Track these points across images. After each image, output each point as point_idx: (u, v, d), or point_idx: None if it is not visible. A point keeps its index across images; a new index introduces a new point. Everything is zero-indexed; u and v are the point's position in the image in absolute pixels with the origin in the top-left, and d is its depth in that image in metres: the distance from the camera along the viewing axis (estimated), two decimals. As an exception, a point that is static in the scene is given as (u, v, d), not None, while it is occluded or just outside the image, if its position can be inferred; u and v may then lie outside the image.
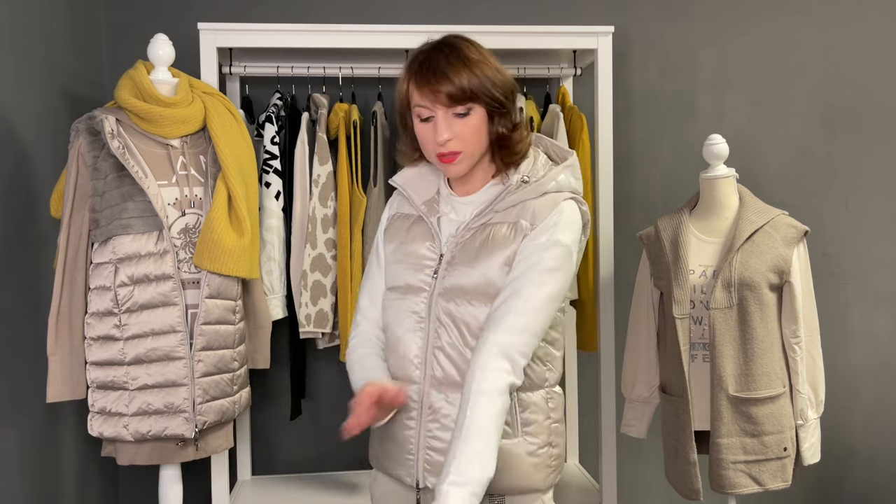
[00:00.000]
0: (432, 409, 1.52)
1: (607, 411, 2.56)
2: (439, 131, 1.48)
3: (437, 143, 1.49)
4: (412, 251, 1.59)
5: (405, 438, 1.55)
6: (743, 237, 2.15)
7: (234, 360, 2.20)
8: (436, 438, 1.51)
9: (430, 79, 1.47)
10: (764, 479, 2.15)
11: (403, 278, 1.58)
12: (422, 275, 1.56)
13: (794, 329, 2.16)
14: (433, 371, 1.52)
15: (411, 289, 1.57)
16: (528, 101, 2.66)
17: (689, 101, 3.00)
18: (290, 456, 2.92)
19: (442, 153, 1.50)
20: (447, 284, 1.53)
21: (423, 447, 1.53)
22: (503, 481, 1.51)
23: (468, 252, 1.53)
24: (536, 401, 1.56)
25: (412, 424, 1.54)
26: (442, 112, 1.49)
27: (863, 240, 3.05)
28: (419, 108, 1.51)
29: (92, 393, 2.09)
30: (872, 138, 3.05)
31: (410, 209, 1.64)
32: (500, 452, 1.46)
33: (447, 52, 1.50)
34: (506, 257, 1.50)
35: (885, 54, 3.04)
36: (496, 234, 1.52)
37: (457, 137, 1.49)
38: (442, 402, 1.52)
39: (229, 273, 2.11)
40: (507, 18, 2.91)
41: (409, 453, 1.55)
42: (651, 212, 2.99)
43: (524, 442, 1.54)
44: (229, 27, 2.38)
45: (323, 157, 2.48)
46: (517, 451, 1.53)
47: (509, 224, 1.52)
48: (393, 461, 1.58)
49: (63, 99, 2.44)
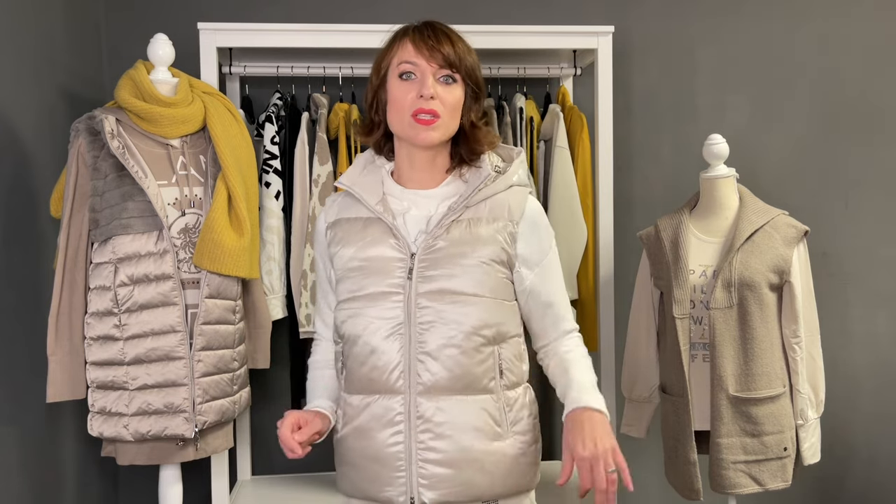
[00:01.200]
0: (423, 418, 1.45)
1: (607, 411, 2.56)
2: (427, 85, 1.47)
3: (422, 95, 1.47)
4: (375, 255, 1.50)
5: (392, 455, 1.47)
6: (743, 237, 2.15)
7: (234, 359, 2.20)
8: (430, 450, 1.45)
9: (429, 37, 1.50)
10: (764, 479, 2.15)
11: (371, 286, 1.49)
12: (391, 278, 1.48)
13: (794, 329, 2.16)
14: (419, 378, 1.46)
15: (381, 295, 1.48)
16: (528, 101, 2.65)
17: (689, 101, 3.00)
18: (290, 456, 2.91)
19: (422, 110, 1.47)
20: (432, 286, 1.46)
21: (415, 461, 1.46)
22: (499, 485, 1.49)
23: (450, 250, 1.48)
24: (519, 397, 1.54)
25: (400, 439, 1.46)
26: (432, 69, 1.49)
27: (863, 240, 3.06)
28: (406, 65, 1.50)
29: (92, 393, 2.09)
30: (872, 138, 3.05)
31: (357, 212, 1.56)
32: (495, 456, 1.47)
33: (443, 26, 1.56)
34: (493, 253, 1.49)
35: (885, 54, 3.04)
36: (478, 230, 1.49)
37: (439, 100, 1.49)
38: (433, 409, 1.45)
39: (229, 273, 2.11)
40: (507, 18, 2.91)
41: (398, 471, 1.47)
42: (651, 212, 3.00)
43: (515, 442, 1.51)
44: (229, 27, 2.38)
45: (323, 157, 2.48)
46: (511, 452, 1.50)
47: (487, 219, 1.51)
48: (378, 483, 1.49)
49: (63, 99, 2.44)
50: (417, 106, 1.47)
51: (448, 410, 1.45)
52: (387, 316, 1.47)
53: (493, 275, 1.49)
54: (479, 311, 1.47)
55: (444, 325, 1.46)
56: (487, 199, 1.52)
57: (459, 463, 1.45)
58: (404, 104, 1.49)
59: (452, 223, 1.49)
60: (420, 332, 1.46)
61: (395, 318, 1.47)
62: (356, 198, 1.57)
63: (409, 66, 1.50)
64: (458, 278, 1.46)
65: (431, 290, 1.46)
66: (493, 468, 1.47)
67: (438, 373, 1.45)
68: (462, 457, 1.45)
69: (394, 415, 1.46)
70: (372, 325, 1.47)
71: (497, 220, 1.50)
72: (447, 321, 1.46)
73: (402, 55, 1.51)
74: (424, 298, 1.46)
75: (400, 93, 1.50)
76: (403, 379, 1.46)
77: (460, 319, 1.46)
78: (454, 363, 1.45)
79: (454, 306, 1.46)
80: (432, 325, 1.46)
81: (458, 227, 1.49)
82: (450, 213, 1.50)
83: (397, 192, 1.56)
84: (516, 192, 1.55)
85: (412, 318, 1.46)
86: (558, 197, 2.58)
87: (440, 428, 1.45)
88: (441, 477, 1.45)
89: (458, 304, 1.46)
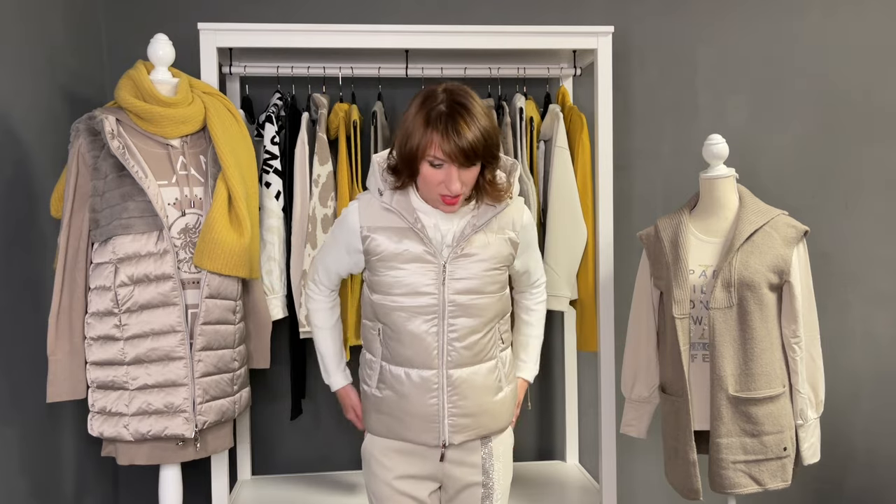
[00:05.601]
0: (452, 385, 1.85)
1: (607, 411, 2.57)
2: (454, 182, 1.75)
3: (449, 190, 1.76)
4: (414, 257, 1.84)
5: (430, 413, 1.86)
6: (743, 237, 2.16)
7: (234, 359, 2.20)
8: (456, 407, 1.86)
9: (454, 139, 1.71)
10: (764, 478, 2.15)
11: (411, 283, 1.84)
12: (425, 279, 1.83)
13: (793, 329, 2.16)
14: (450, 357, 1.84)
15: (421, 293, 1.83)
16: (528, 101, 2.65)
17: (689, 101, 3.00)
18: (290, 456, 2.92)
19: (447, 197, 1.78)
20: (460, 286, 1.84)
21: (447, 415, 1.86)
22: (503, 422, 1.94)
23: (470, 256, 1.84)
24: (509, 355, 1.98)
25: (435, 401, 1.85)
26: (456, 167, 1.74)
27: (862, 240, 3.06)
28: (434, 158, 1.74)
29: (92, 393, 2.09)
30: (872, 138, 3.05)
31: (395, 223, 1.86)
32: (499, 404, 1.92)
33: (464, 114, 1.73)
34: (499, 257, 1.88)
35: (884, 54, 3.05)
36: (490, 238, 1.87)
37: (461, 182, 1.77)
38: (460, 377, 1.85)
39: (229, 273, 2.11)
40: (507, 18, 2.91)
41: (433, 422, 1.86)
42: (651, 212, 3.00)
43: (509, 389, 1.95)
44: (229, 27, 2.38)
45: (323, 157, 2.48)
46: (508, 398, 1.95)
47: (496, 231, 1.88)
48: (415, 430, 1.88)
49: (63, 99, 2.44)
50: (443, 192, 1.78)
51: (468, 378, 1.86)
52: (424, 309, 1.84)
53: (500, 275, 1.90)
54: (492, 303, 1.87)
55: (470, 315, 1.84)
56: (497, 214, 1.89)
57: (477, 414, 1.88)
58: (432, 184, 1.78)
59: (471, 237, 1.85)
60: (451, 321, 1.84)
61: (431, 311, 1.84)
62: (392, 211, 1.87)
63: (436, 159, 1.74)
64: (480, 280, 1.85)
65: (460, 290, 1.84)
66: (498, 412, 1.92)
67: (463, 351, 1.85)
68: (479, 409, 1.88)
69: (431, 384, 1.85)
70: (414, 315, 1.84)
71: (504, 230, 1.90)
72: (474, 311, 1.85)
73: (433, 150, 1.74)
74: (456, 294, 1.83)
75: (430, 176, 1.77)
76: (438, 358, 1.85)
77: (479, 313, 1.85)
78: (474, 342, 1.86)
79: (475, 302, 1.85)
80: (461, 315, 1.84)
81: (477, 239, 1.86)
82: (468, 228, 1.85)
83: (425, 210, 1.86)
84: (516, 205, 1.93)
85: (445, 311, 1.83)
86: (558, 197, 2.58)
87: (463, 387, 1.86)
88: (465, 425, 1.87)
89: (480, 297, 1.85)
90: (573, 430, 2.94)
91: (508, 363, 1.97)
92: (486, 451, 1.92)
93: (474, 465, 1.91)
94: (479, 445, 1.91)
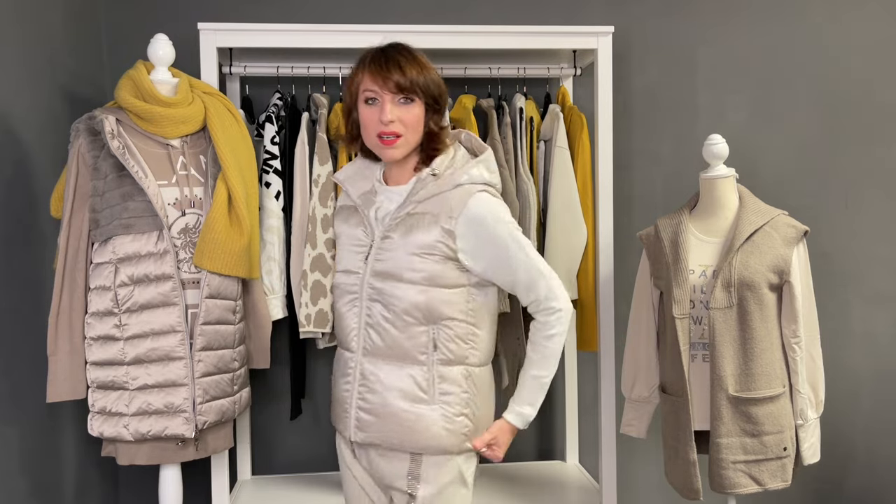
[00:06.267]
0: (363, 375, 1.79)
1: (607, 411, 2.57)
2: (385, 111, 1.71)
3: (381, 121, 1.71)
4: (352, 236, 1.85)
5: (343, 399, 1.84)
6: (743, 237, 2.16)
7: (234, 359, 2.20)
8: (364, 400, 1.79)
9: (382, 67, 1.71)
10: (764, 478, 2.15)
11: (346, 261, 1.85)
12: (356, 259, 1.82)
13: (793, 329, 2.16)
14: (365, 343, 1.79)
15: (349, 271, 1.83)
16: (527, 101, 2.65)
17: (689, 101, 3.00)
18: (290, 456, 2.92)
19: (384, 132, 1.73)
20: (377, 268, 1.77)
21: (354, 407, 1.80)
22: (421, 441, 1.77)
23: (393, 239, 1.77)
24: (454, 376, 1.78)
25: (348, 388, 1.82)
26: (389, 96, 1.72)
27: (862, 240, 3.06)
28: (367, 92, 1.73)
29: (92, 393, 2.09)
30: (872, 138, 3.05)
31: (349, 201, 1.90)
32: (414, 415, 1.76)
33: (400, 49, 1.76)
34: (423, 244, 1.74)
35: (885, 54, 3.04)
36: (418, 222, 1.76)
37: (399, 121, 1.73)
38: (371, 368, 1.78)
39: (229, 273, 2.11)
40: (507, 18, 2.91)
41: (345, 412, 1.83)
42: (651, 212, 3.00)
43: (441, 409, 1.77)
44: (229, 27, 2.38)
45: (323, 157, 2.48)
46: (433, 416, 1.76)
47: (430, 214, 1.75)
48: (337, 418, 1.87)
49: (63, 99, 2.44)
50: (380, 129, 1.74)
51: (380, 372, 1.77)
52: (350, 290, 1.83)
53: (423, 264, 1.74)
54: (413, 296, 1.74)
55: (385, 302, 1.77)
56: (434, 196, 1.77)
57: (383, 416, 1.77)
58: (370, 126, 1.76)
59: (402, 217, 1.77)
60: (368, 306, 1.79)
61: (354, 292, 1.82)
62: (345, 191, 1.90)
63: (370, 93, 1.74)
64: (396, 264, 1.75)
65: (378, 272, 1.78)
66: (412, 425, 1.76)
67: (378, 341, 1.78)
68: (385, 412, 1.77)
69: (348, 367, 1.83)
70: (343, 295, 1.84)
71: (437, 216, 1.74)
72: (388, 298, 1.76)
73: (366, 83, 1.75)
74: (373, 278, 1.78)
75: (366, 116, 1.76)
76: (356, 342, 1.81)
77: (395, 303, 1.75)
78: (389, 335, 1.77)
79: (392, 290, 1.75)
80: (377, 300, 1.78)
81: (405, 222, 1.77)
82: (399, 208, 1.79)
83: (379, 187, 1.86)
84: (462, 190, 1.77)
85: (364, 294, 1.79)
86: (558, 197, 2.58)
87: (374, 384, 1.78)
88: (368, 423, 1.78)
89: (395, 285, 1.75)
90: (573, 430, 2.94)
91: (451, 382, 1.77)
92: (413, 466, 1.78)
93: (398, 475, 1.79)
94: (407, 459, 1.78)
